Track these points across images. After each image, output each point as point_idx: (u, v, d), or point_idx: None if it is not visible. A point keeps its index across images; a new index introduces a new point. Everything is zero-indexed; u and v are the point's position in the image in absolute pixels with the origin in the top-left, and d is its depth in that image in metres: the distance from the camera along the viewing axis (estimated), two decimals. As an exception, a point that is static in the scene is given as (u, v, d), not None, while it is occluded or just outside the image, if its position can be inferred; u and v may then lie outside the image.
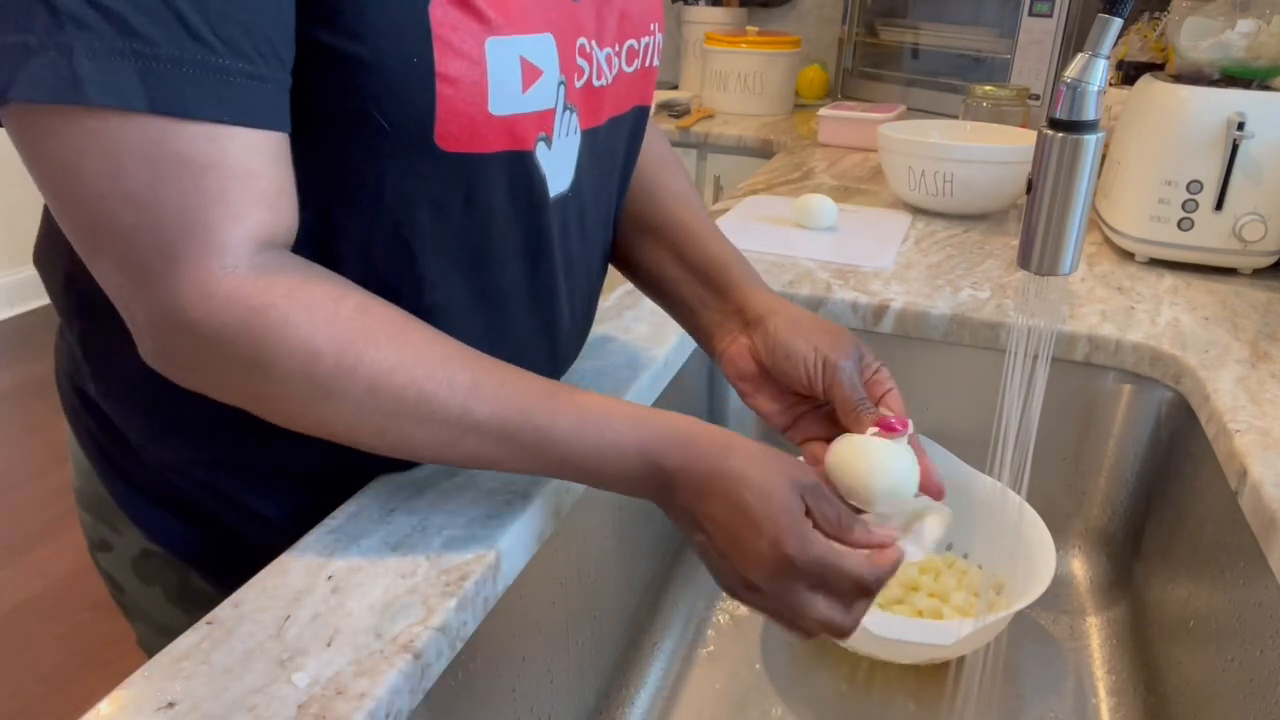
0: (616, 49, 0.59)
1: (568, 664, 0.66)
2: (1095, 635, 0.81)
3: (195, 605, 0.63)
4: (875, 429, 0.57)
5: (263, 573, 0.49)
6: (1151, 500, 0.84)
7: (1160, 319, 0.89)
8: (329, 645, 0.44)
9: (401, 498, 0.56)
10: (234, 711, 0.40)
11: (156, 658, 0.43)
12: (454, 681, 0.49)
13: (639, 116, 0.66)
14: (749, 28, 2.17)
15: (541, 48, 0.52)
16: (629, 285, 0.85)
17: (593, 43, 0.57)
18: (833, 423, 0.61)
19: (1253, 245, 1.01)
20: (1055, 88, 0.55)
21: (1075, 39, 1.71)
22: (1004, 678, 0.76)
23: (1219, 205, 1.00)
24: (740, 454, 0.50)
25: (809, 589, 0.49)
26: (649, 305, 0.86)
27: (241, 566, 0.52)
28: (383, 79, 0.46)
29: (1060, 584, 0.87)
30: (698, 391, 0.92)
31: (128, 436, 0.60)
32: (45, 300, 3.41)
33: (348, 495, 0.57)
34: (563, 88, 0.54)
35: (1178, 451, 0.80)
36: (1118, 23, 0.53)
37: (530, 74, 0.51)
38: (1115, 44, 0.54)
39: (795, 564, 0.48)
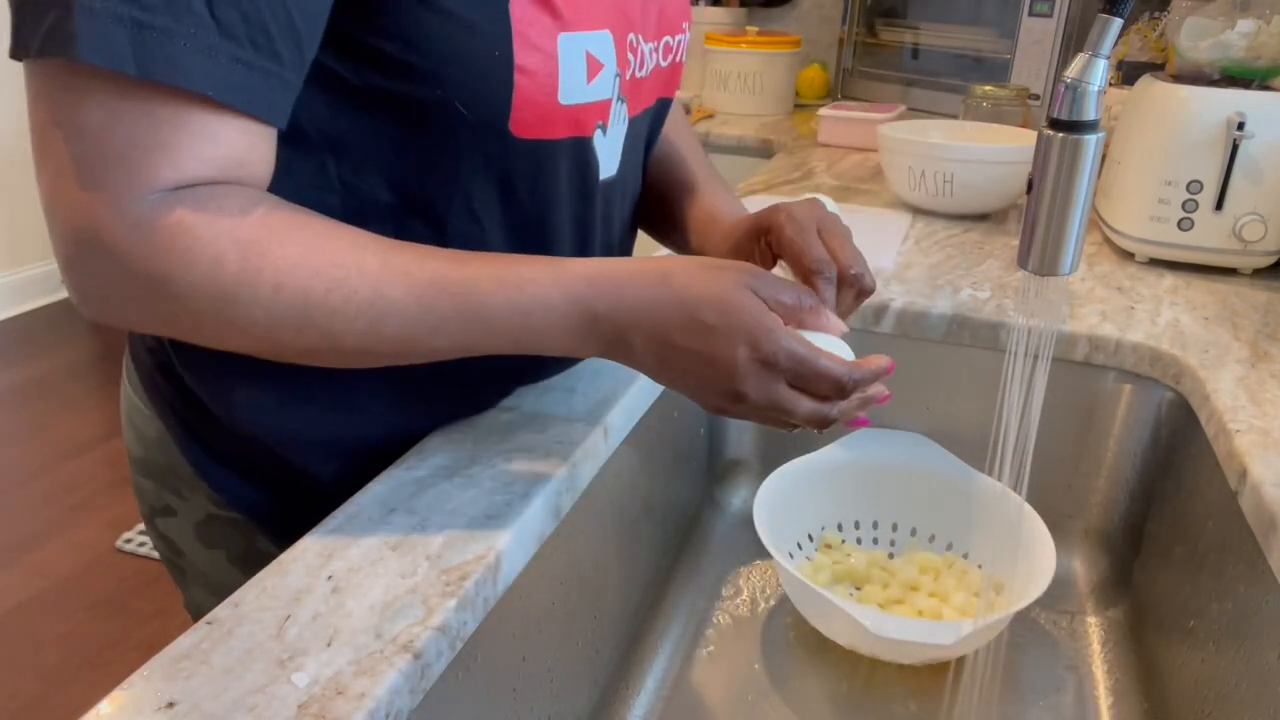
0: (657, 44, 0.63)
1: (568, 664, 0.66)
2: (1095, 635, 0.81)
3: (257, 567, 0.66)
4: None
5: (263, 573, 0.49)
6: (1151, 500, 0.84)
7: (1160, 319, 0.89)
8: (329, 645, 0.44)
9: (401, 498, 0.56)
10: (234, 711, 0.40)
11: (156, 658, 0.43)
12: (454, 681, 0.49)
13: (662, 106, 0.71)
14: (749, 28, 2.17)
15: (602, 43, 0.56)
16: None
17: (640, 38, 0.61)
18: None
19: (1253, 245, 1.01)
20: (1055, 88, 0.55)
21: (1075, 39, 1.71)
22: (1004, 677, 0.76)
23: (1219, 205, 1.00)
24: (680, 278, 0.50)
25: (790, 387, 0.50)
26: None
27: (307, 528, 0.54)
28: (466, 70, 0.50)
29: (1060, 584, 0.87)
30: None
31: (209, 407, 0.62)
32: (45, 300, 3.41)
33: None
34: (617, 80, 0.59)
35: (1178, 451, 0.80)
36: (1118, 23, 0.53)
37: (594, 67, 0.56)
38: (1115, 44, 0.54)
39: (776, 362, 0.48)
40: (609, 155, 0.62)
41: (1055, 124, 0.55)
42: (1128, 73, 1.43)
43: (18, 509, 2.24)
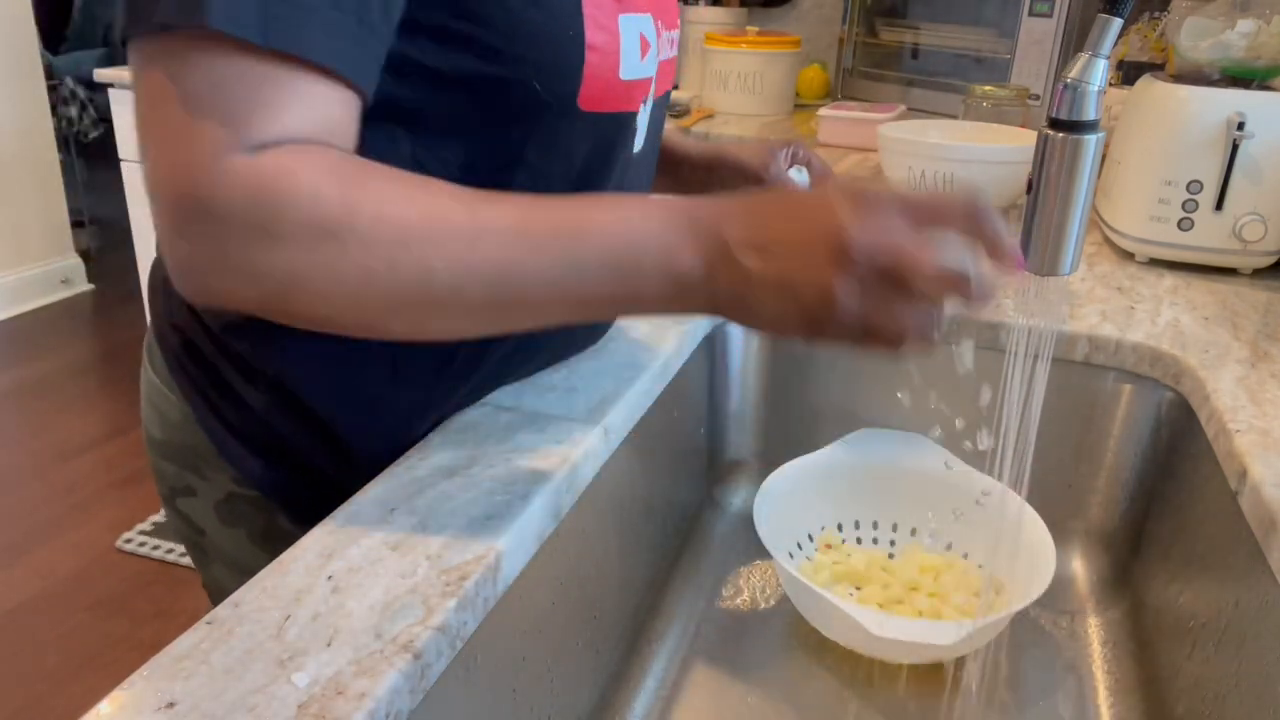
0: (670, 34, 0.69)
1: (568, 664, 0.66)
2: (1095, 635, 0.81)
3: (279, 545, 0.66)
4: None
5: (263, 573, 0.49)
6: (1151, 500, 0.84)
7: (1160, 319, 0.89)
8: (329, 645, 0.44)
9: (401, 497, 0.56)
10: (234, 711, 0.40)
11: (156, 658, 0.43)
12: (454, 681, 0.49)
13: (668, 97, 0.76)
14: (749, 28, 2.17)
15: (647, 24, 0.62)
16: None
17: (662, 24, 0.66)
18: None
19: (1253, 245, 1.01)
20: (1055, 88, 0.55)
21: (1075, 39, 1.71)
22: (1004, 678, 0.76)
23: (1219, 205, 1.00)
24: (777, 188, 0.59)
25: (896, 287, 0.45)
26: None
27: (327, 507, 0.55)
28: (542, 49, 0.54)
29: (1060, 584, 0.87)
30: (698, 392, 0.92)
31: (234, 384, 0.65)
32: (45, 300, 3.42)
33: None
34: (656, 60, 0.65)
35: (1178, 451, 0.80)
36: (1118, 23, 0.53)
37: (644, 45, 0.62)
38: (1115, 44, 0.54)
39: (880, 201, 0.45)
40: (642, 129, 0.67)
41: (1055, 124, 0.55)
42: (1128, 73, 1.43)
43: (18, 509, 2.24)
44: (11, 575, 2.01)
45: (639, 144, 0.68)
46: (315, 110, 0.46)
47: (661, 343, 0.79)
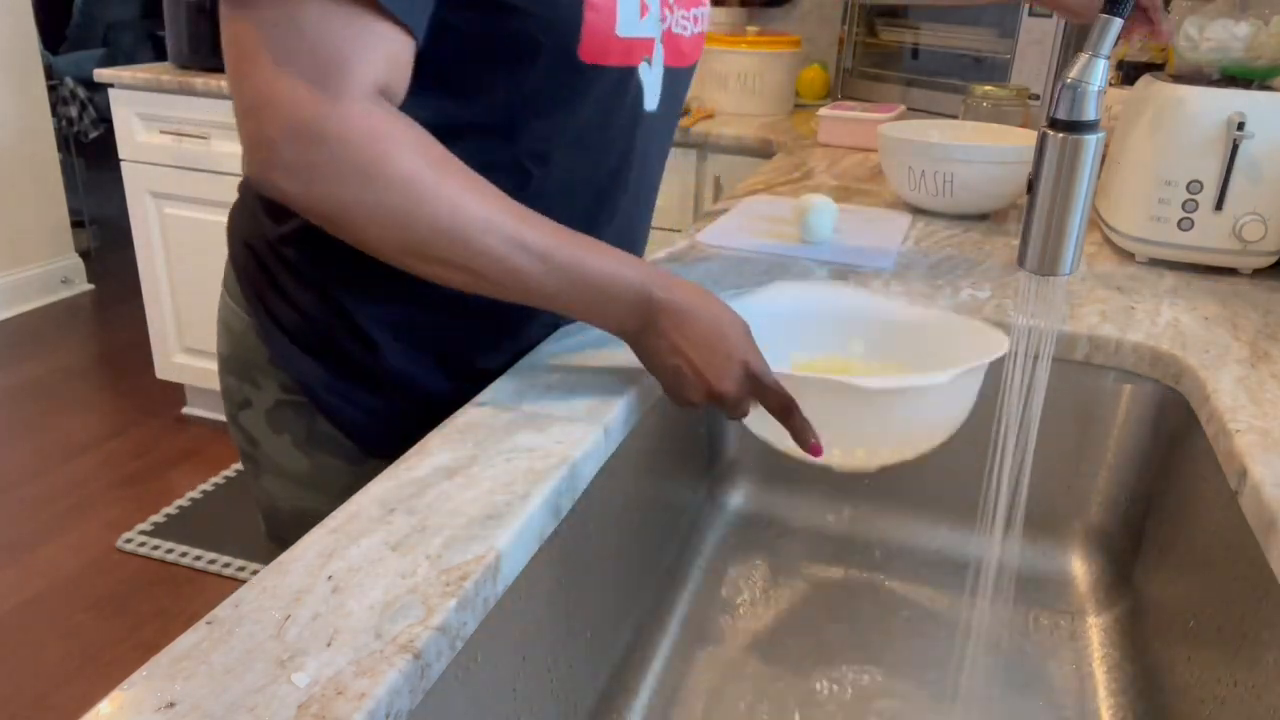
0: (688, 12, 0.75)
1: (568, 664, 0.66)
2: (1095, 635, 0.81)
3: (317, 448, 0.79)
4: None
5: (263, 572, 0.49)
6: (1151, 500, 0.84)
7: (1160, 319, 0.89)
8: (329, 645, 0.44)
9: (401, 497, 0.56)
10: (234, 711, 0.40)
11: (156, 658, 0.43)
12: (454, 681, 0.49)
13: (692, 71, 0.82)
14: (749, 28, 2.17)
15: None
16: None
17: (675, 1, 0.73)
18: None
19: (1253, 245, 1.01)
20: (1055, 88, 0.55)
21: (1075, 39, 1.71)
22: (1004, 678, 0.76)
23: (1219, 205, 1.00)
24: (710, 295, 0.66)
25: (749, 395, 0.66)
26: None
27: (361, 409, 0.75)
28: (548, 6, 0.63)
29: (1060, 584, 0.87)
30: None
31: (286, 288, 0.75)
32: (45, 300, 3.42)
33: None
34: (660, 26, 0.72)
35: (1178, 451, 0.80)
36: (1118, 23, 0.53)
37: (644, 8, 0.69)
38: (1115, 44, 0.54)
39: (762, 381, 0.64)
40: (651, 88, 0.74)
41: (1055, 124, 0.55)
42: (1128, 73, 1.43)
43: (18, 509, 2.24)
44: (11, 575, 2.01)
45: (652, 104, 0.75)
46: (389, 52, 0.57)
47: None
